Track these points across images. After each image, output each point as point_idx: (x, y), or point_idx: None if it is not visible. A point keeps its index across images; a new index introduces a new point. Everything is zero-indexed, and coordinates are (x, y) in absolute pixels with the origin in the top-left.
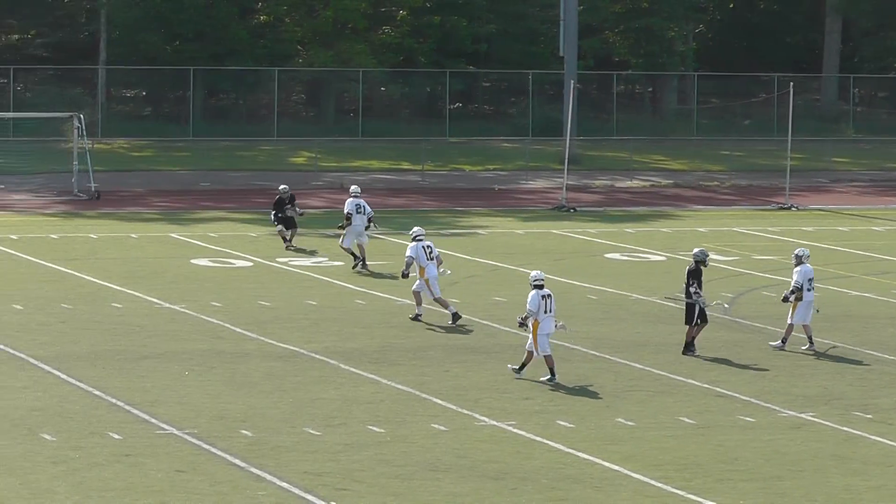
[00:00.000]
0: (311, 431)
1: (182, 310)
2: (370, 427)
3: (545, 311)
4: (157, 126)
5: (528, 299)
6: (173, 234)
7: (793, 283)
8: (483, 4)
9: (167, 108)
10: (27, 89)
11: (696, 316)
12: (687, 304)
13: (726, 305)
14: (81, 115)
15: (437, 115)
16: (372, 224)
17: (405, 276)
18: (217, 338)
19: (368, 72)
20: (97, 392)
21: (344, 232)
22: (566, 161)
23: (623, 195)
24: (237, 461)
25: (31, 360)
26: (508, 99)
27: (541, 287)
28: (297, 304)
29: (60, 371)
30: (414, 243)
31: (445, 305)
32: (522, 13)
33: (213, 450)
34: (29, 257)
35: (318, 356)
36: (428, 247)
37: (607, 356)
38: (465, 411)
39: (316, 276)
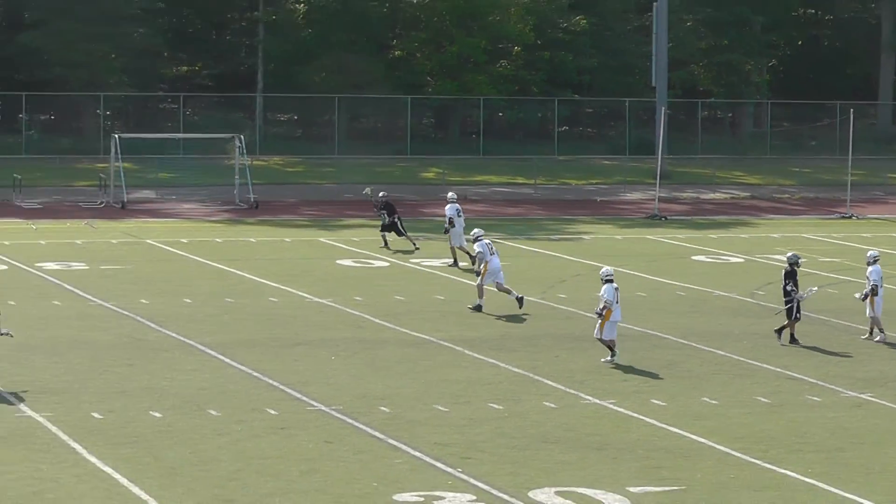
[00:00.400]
0: (440, 408)
1: (329, 303)
2: (490, 404)
3: (616, 302)
4: (307, 145)
5: (603, 292)
6: (321, 239)
7: (871, 282)
8: (587, 41)
9: (316, 130)
10: (195, 114)
11: (795, 311)
12: (786, 301)
13: (815, 288)
14: (242, 136)
15: (547, 137)
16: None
17: (478, 273)
18: (359, 327)
19: (488, 99)
20: (256, 374)
21: (449, 235)
22: (658, 176)
23: (707, 206)
24: (376, 433)
25: (199, 347)
26: (608, 123)
27: (611, 281)
28: (428, 299)
29: (224, 356)
30: (479, 242)
31: (509, 292)
32: (620, 49)
33: (356, 424)
34: (197, 258)
35: (445, 343)
36: (489, 244)
37: (694, 344)
38: (572, 391)
39: (443, 274)
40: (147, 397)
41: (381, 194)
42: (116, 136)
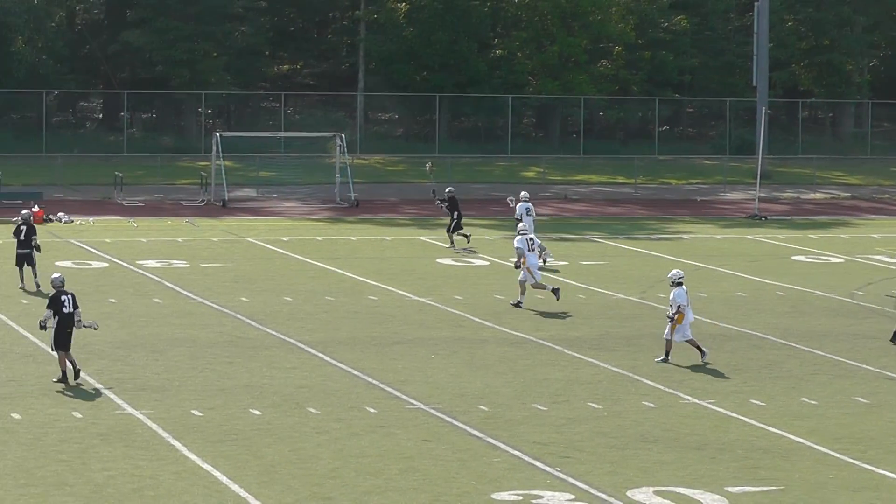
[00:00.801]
0: (539, 407)
1: (429, 302)
2: (590, 403)
3: (688, 305)
4: (407, 144)
5: (676, 296)
6: (421, 238)
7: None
8: (687, 41)
9: (417, 128)
10: (296, 112)
11: None
12: None
13: None
14: (343, 135)
15: (647, 136)
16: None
17: (517, 266)
18: (458, 326)
19: (589, 99)
20: (355, 372)
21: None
22: (758, 176)
23: (807, 206)
24: (475, 432)
25: (299, 345)
26: (709, 122)
27: (681, 284)
28: (528, 298)
29: (324, 354)
30: (519, 236)
31: (544, 287)
32: (721, 49)
33: (455, 422)
34: (298, 256)
35: (545, 343)
36: (530, 239)
37: (793, 344)
38: (671, 391)
39: (544, 273)
40: (246, 395)
41: (447, 189)
42: (218, 134)
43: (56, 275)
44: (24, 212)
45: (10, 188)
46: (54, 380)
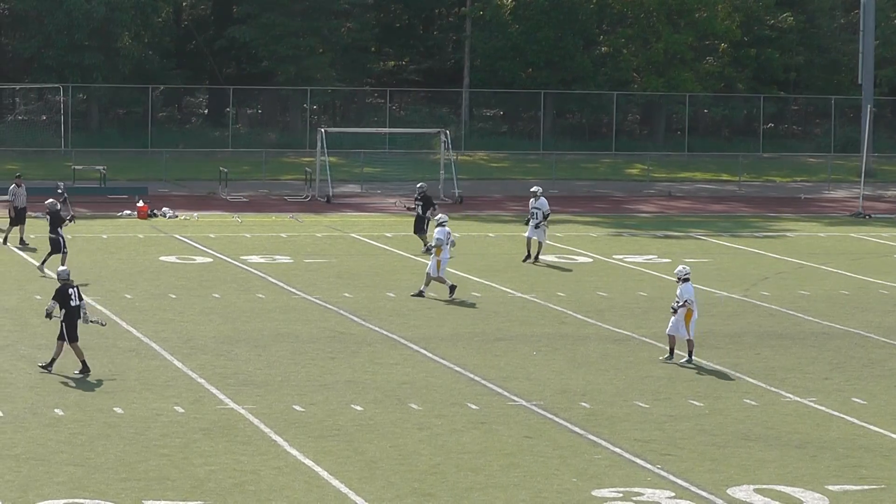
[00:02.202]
0: (641, 404)
1: (531, 298)
2: (691, 401)
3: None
4: (512, 141)
5: (685, 290)
6: (525, 234)
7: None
8: (793, 38)
9: (521, 125)
10: (401, 108)
11: None
12: None
13: None
14: (447, 131)
15: (752, 134)
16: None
17: (428, 250)
18: (561, 323)
19: (694, 96)
20: (458, 368)
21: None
22: (863, 174)
23: None
24: (576, 429)
25: (402, 341)
26: (814, 120)
27: (688, 280)
28: (631, 295)
29: (427, 350)
30: (439, 227)
31: (444, 282)
32: (827, 46)
33: (556, 419)
34: (401, 252)
35: (647, 340)
36: (449, 232)
37: None
38: (773, 389)
39: (647, 270)
40: (349, 391)
41: (419, 185)
42: (323, 130)
43: (62, 268)
44: (49, 201)
45: (116, 183)
46: (40, 365)
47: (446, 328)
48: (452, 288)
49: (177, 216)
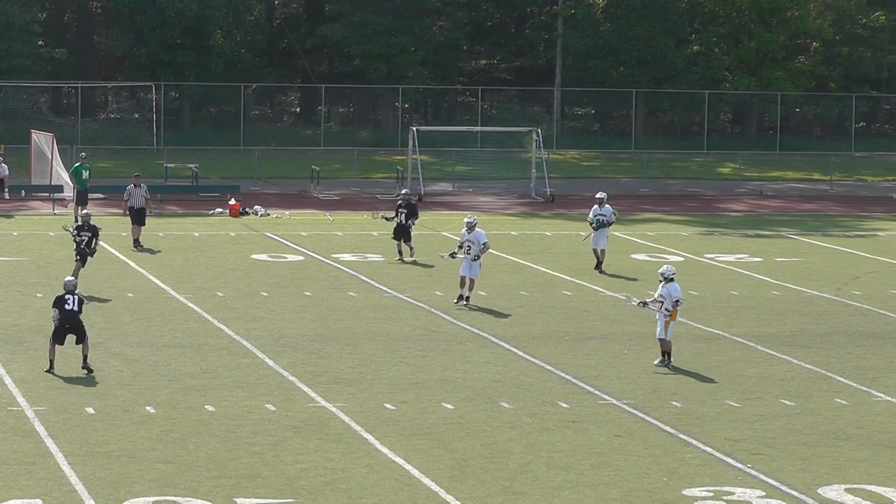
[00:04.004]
0: (732, 403)
1: (622, 297)
2: (782, 400)
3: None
4: (603, 139)
5: (674, 290)
6: (616, 233)
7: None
8: (885, 37)
9: (613, 124)
10: (493, 107)
11: None
12: None
13: None
14: (539, 130)
15: (844, 133)
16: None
17: (453, 255)
18: (652, 322)
19: (786, 95)
20: (549, 367)
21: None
22: None
23: None
24: (667, 428)
25: (493, 339)
26: None
27: (673, 280)
28: (722, 294)
29: (518, 348)
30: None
31: (464, 286)
32: None
33: (647, 418)
34: (492, 251)
35: (738, 339)
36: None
37: None
38: (865, 388)
39: (738, 269)
40: (440, 389)
41: (402, 191)
42: (414, 128)
43: (69, 278)
44: (84, 212)
45: (208, 181)
46: (46, 370)
47: (537, 326)
48: (461, 297)
49: (268, 214)
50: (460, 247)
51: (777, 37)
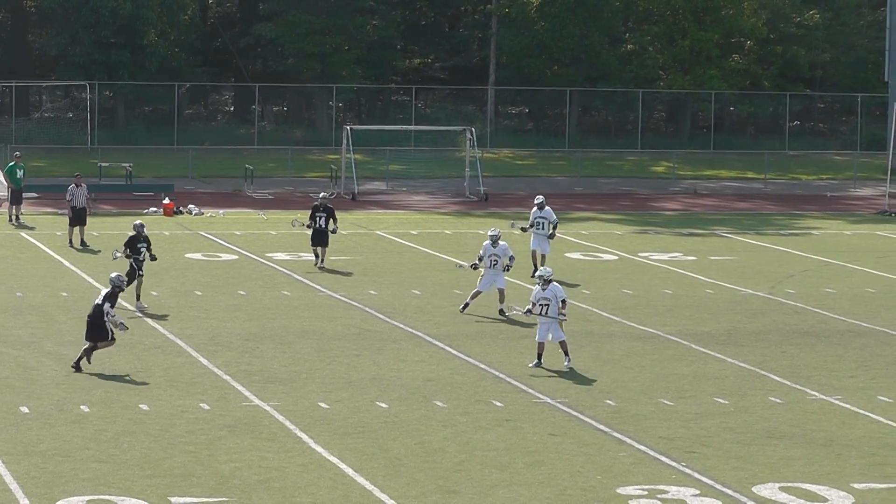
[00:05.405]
0: (666, 402)
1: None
2: (716, 399)
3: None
4: (537, 138)
5: (560, 291)
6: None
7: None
8: (819, 36)
9: (547, 122)
10: (427, 106)
11: None
12: None
13: None
14: (473, 129)
15: (778, 132)
16: (554, 232)
17: (475, 267)
18: (586, 321)
19: (720, 93)
20: (483, 366)
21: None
22: (889, 172)
23: None
24: (602, 426)
25: (427, 338)
26: (840, 118)
27: (550, 281)
28: (656, 293)
29: (452, 347)
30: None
31: (475, 296)
32: (853, 44)
33: (581, 417)
34: (426, 249)
35: (672, 337)
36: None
37: None
38: (799, 387)
39: (672, 268)
40: (374, 388)
41: (320, 195)
42: (348, 127)
43: (114, 274)
44: (136, 222)
45: (142, 180)
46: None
47: (471, 326)
48: (466, 305)
49: (202, 213)
50: (480, 259)
51: (711, 35)
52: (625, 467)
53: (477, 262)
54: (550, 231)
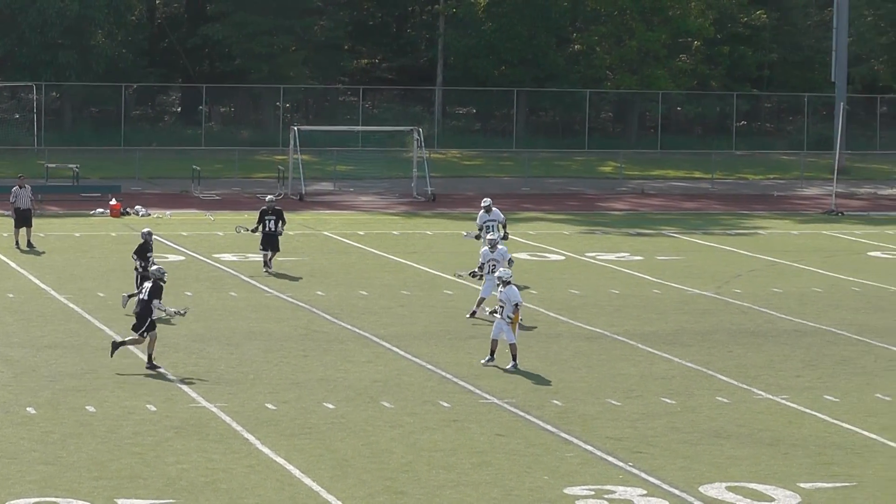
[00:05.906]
0: (613, 402)
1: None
2: (663, 399)
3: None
4: (485, 139)
5: (514, 294)
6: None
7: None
8: (767, 36)
9: (494, 123)
10: (374, 106)
11: None
12: None
13: None
14: (420, 129)
15: (725, 131)
16: (505, 232)
17: (474, 275)
18: (533, 321)
19: (667, 94)
20: (430, 366)
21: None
22: (836, 172)
23: (885, 201)
24: (549, 427)
25: (374, 339)
26: (787, 118)
27: (510, 283)
28: (603, 293)
29: (399, 348)
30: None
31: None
32: (800, 44)
33: (529, 417)
34: (374, 250)
35: (619, 337)
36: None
37: (868, 340)
38: (745, 386)
39: (619, 268)
40: (321, 389)
41: (268, 198)
42: (296, 128)
43: (154, 267)
44: (145, 230)
45: (89, 181)
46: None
47: (418, 326)
48: (474, 313)
49: (150, 214)
50: (481, 267)
51: (659, 36)
52: (572, 467)
53: (477, 269)
54: (503, 233)
